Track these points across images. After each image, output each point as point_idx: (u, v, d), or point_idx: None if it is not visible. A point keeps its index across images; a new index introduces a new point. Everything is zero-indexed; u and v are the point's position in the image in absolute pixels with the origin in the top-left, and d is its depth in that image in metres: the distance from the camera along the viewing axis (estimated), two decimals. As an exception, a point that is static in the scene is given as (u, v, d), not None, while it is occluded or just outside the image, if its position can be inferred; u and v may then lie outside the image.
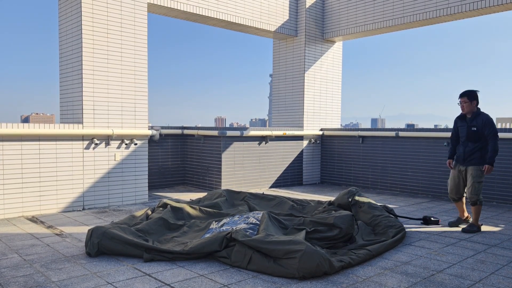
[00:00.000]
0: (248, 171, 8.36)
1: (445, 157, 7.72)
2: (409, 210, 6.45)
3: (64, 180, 6.03)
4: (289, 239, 3.64)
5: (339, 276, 3.47)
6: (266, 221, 4.25)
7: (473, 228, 5.04)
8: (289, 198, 6.00)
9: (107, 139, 6.43)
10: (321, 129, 9.66)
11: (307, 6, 9.25)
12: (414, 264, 3.83)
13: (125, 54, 6.52)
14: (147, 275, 3.45)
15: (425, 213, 6.13)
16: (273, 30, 8.91)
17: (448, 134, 7.68)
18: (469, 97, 5.07)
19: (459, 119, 5.29)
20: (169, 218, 4.72)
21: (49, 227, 5.09)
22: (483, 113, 5.07)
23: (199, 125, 9.57)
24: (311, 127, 9.47)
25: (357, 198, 5.28)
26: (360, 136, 9.01)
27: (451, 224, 5.30)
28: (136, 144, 6.73)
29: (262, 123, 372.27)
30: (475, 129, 5.02)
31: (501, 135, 7.02)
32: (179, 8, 7.31)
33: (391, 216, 5.15)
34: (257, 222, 4.32)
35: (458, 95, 5.17)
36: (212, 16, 7.80)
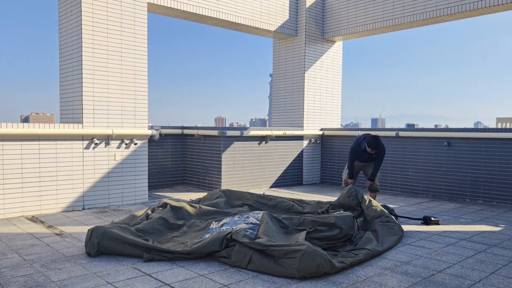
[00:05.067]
0: (248, 171, 8.36)
1: (445, 157, 7.73)
2: (409, 210, 6.45)
3: (64, 180, 6.03)
4: (290, 244, 3.63)
5: (339, 276, 3.47)
6: (266, 221, 4.25)
7: None
8: (289, 198, 6.00)
9: (107, 139, 6.43)
10: (321, 129, 9.66)
11: (307, 6, 9.24)
12: (414, 264, 3.83)
13: (125, 54, 6.52)
14: (147, 275, 3.45)
15: (425, 213, 6.13)
16: (273, 30, 8.91)
17: (448, 134, 7.69)
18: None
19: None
20: (169, 218, 4.72)
21: (49, 227, 5.09)
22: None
23: (199, 125, 9.57)
24: (311, 127, 9.47)
25: (359, 198, 5.28)
26: (360, 136, 9.01)
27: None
28: (136, 144, 6.73)
29: (262, 123, 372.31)
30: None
31: (501, 135, 7.03)
32: (179, 8, 7.30)
33: (391, 216, 5.15)
34: (257, 222, 4.31)
35: (371, 147, 5.76)
36: (212, 16, 7.80)
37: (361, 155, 6.01)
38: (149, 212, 5.01)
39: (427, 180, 7.96)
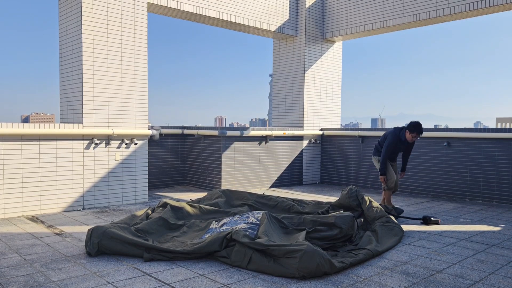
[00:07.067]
0: (248, 171, 8.36)
1: (445, 157, 7.73)
2: (409, 210, 6.46)
3: (64, 180, 6.04)
4: (290, 243, 3.64)
5: (339, 276, 3.47)
6: (266, 222, 4.26)
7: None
8: (289, 198, 6.00)
9: (107, 139, 6.43)
10: (321, 129, 9.67)
11: (307, 6, 9.25)
12: (414, 264, 3.83)
13: (125, 54, 6.52)
14: (147, 275, 3.46)
15: (425, 213, 6.13)
16: (273, 30, 8.91)
17: (448, 134, 7.69)
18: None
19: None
20: (169, 218, 4.72)
21: (49, 226, 5.09)
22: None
23: (199, 125, 9.58)
24: (311, 127, 9.47)
25: (360, 199, 5.28)
26: (360, 136, 9.02)
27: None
28: (136, 144, 6.73)
29: (262, 123, 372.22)
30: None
31: (501, 135, 7.04)
32: (179, 8, 7.31)
33: (391, 216, 5.16)
34: (257, 222, 4.32)
35: (418, 132, 5.82)
36: (212, 16, 7.81)
37: (399, 147, 6.01)
38: (149, 212, 5.01)
39: (426, 180, 7.96)
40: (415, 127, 5.78)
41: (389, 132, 6.03)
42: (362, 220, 5.05)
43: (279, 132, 8.72)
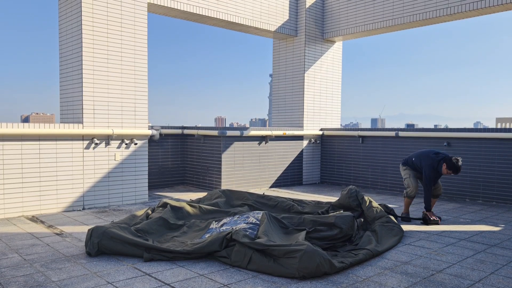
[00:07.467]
0: (248, 171, 8.36)
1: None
2: (409, 210, 6.45)
3: (64, 180, 6.04)
4: (290, 243, 3.64)
5: (339, 276, 3.47)
6: (266, 222, 4.26)
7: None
8: (289, 198, 6.00)
9: (107, 139, 6.43)
10: (321, 129, 9.67)
11: (307, 6, 9.25)
12: (414, 264, 3.83)
13: (125, 54, 6.52)
14: (147, 275, 3.46)
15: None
16: (273, 30, 8.91)
17: (448, 134, 7.69)
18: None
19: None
20: (169, 217, 4.72)
21: (49, 226, 5.09)
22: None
23: (199, 125, 9.58)
24: (311, 127, 9.47)
25: (360, 199, 5.28)
26: (360, 136, 9.02)
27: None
28: (136, 144, 6.73)
29: (262, 123, 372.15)
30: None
31: (501, 135, 7.04)
32: (179, 8, 7.31)
33: (391, 216, 5.16)
34: (257, 222, 4.32)
35: (454, 172, 5.49)
36: (212, 16, 7.81)
37: (435, 176, 5.64)
38: (149, 212, 5.01)
39: (427, 180, 7.96)
40: (455, 167, 5.40)
41: (425, 163, 5.58)
42: (362, 220, 5.05)
43: (279, 132, 8.73)
